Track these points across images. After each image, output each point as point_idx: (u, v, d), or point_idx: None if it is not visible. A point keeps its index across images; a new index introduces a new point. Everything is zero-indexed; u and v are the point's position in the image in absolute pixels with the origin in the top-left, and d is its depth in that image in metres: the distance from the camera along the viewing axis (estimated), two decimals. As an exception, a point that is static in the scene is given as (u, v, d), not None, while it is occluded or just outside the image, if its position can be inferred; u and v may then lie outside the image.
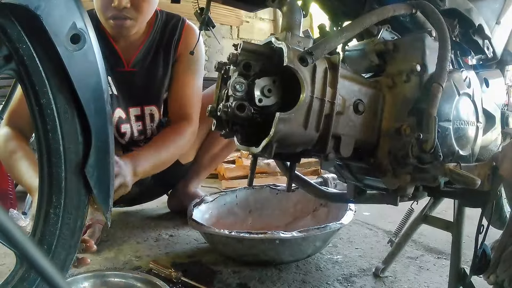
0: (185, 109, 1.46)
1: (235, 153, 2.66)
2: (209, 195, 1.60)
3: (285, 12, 0.76)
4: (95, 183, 0.70)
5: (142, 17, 1.33)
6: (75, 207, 0.70)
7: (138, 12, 1.30)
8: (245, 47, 0.72)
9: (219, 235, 1.18)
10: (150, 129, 1.55)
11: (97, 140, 0.68)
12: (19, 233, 0.34)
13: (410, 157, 0.75)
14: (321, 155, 0.76)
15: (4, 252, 1.27)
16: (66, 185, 0.68)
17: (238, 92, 0.69)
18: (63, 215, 0.69)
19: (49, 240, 0.69)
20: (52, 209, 0.69)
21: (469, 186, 0.71)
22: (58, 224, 0.69)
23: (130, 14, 1.28)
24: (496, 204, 1.29)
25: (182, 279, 1.09)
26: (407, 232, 1.14)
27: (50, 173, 0.68)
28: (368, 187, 0.92)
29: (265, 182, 2.22)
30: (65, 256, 0.71)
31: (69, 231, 0.71)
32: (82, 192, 0.71)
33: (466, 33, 0.96)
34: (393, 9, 0.77)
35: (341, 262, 1.28)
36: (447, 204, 1.09)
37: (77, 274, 0.98)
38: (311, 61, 0.67)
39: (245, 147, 0.77)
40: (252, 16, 4.63)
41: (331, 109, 0.72)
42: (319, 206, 1.52)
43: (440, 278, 1.17)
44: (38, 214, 0.69)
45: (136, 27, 1.35)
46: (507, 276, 0.74)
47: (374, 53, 0.83)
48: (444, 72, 0.74)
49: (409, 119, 0.77)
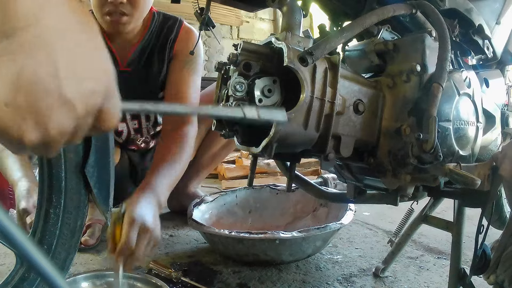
0: None
1: (235, 153, 2.66)
2: (209, 195, 1.60)
3: (285, 12, 0.76)
4: (95, 183, 0.70)
5: (138, 13, 1.32)
6: (75, 207, 0.71)
7: (134, 8, 1.30)
8: (245, 47, 0.72)
9: (219, 235, 1.18)
10: (146, 128, 1.56)
11: (96, 140, 0.68)
12: (19, 233, 0.34)
13: (410, 157, 0.75)
14: (321, 155, 0.76)
15: (4, 252, 1.27)
16: (66, 185, 0.69)
17: (238, 92, 0.69)
18: (63, 215, 0.69)
19: (49, 240, 0.69)
20: (52, 209, 0.69)
21: (469, 186, 0.71)
22: (58, 224, 0.69)
23: (126, 9, 1.29)
24: (496, 204, 1.29)
25: (182, 279, 1.09)
26: (407, 232, 1.14)
27: (50, 173, 0.68)
28: (368, 187, 0.92)
29: (265, 182, 2.22)
30: (65, 256, 0.71)
31: (69, 231, 0.71)
32: (82, 192, 0.71)
33: (466, 33, 0.96)
34: (393, 9, 0.77)
35: (341, 262, 1.28)
36: (447, 204, 1.09)
37: (77, 274, 0.98)
38: (311, 61, 0.67)
39: (245, 147, 0.77)
40: (252, 16, 4.63)
41: (331, 109, 0.72)
42: (319, 206, 1.52)
43: (440, 278, 1.17)
44: (38, 214, 0.69)
45: (132, 24, 1.34)
46: (507, 276, 0.74)
47: (374, 53, 0.83)
48: (444, 72, 0.74)
49: (409, 119, 0.77)
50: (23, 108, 0.30)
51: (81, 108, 0.33)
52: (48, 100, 0.31)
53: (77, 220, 0.71)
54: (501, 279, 0.75)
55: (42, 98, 0.31)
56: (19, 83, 0.30)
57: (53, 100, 0.31)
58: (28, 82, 0.30)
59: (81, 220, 0.72)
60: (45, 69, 0.31)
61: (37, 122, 0.31)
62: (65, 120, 0.32)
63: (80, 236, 0.73)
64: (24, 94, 0.30)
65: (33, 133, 0.31)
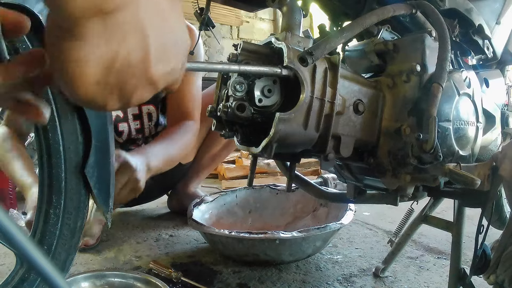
0: (184, 106, 1.45)
1: (235, 153, 2.66)
2: (209, 195, 1.60)
3: (285, 12, 0.76)
4: (95, 184, 0.70)
5: None
6: (75, 208, 0.70)
7: None
8: (245, 47, 0.72)
9: (219, 235, 1.18)
10: (148, 128, 1.56)
11: (96, 140, 0.68)
12: (19, 233, 0.34)
13: (410, 157, 0.75)
14: (321, 155, 0.76)
15: (4, 252, 1.27)
16: (66, 186, 0.68)
17: (238, 92, 0.69)
18: (63, 216, 0.69)
19: (49, 241, 0.69)
20: (52, 209, 0.68)
21: (469, 186, 0.71)
22: (58, 225, 0.69)
23: None
24: (496, 204, 1.29)
25: (182, 279, 1.09)
26: (407, 232, 1.14)
27: (50, 174, 0.67)
28: (368, 187, 0.92)
29: (265, 182, 2.22)
30: (65, 257, 0.71)
31: (69, 232, 0.70)
32: (82, 193, 0.71)
33: (466, 33, 0.96)
34: (393, 9, 0.77)
35: (341, 262, 1.28)
36: (447, 204, 1.09)
37: (77, 274, 0.98)
38: (311, 61, 0.67)
39: (245, 147, 0.77)
40: (252, 16, 4.63)
41: (331, 109, 0.72)
42: (319, 206, 1.52)
43: (440, 278, 1.17)
44: (38, 214, 0.69)
45: None
46: (507, 276, 0.74)
47: (374, 53, 0.83)
48: (444, 72, 0.74)
49: (409, 119, 0.77)
50: (112, 87, 0.33)
51: (162, 85, 0.36)
52: (136, 81, 0.34)
53: (77, 221, 0.71)
54: (501, 279, 0.75)
55: (131, 80, 0.34)
56: (112, 66, 0.32)
57: (140, 81, 0.34)
58: (121, 66, 0.32)
59: (81, 221, 0.72)
60: (137, 55, 0.33)
61: (122, 96, 0.35)
62: (146, 94, 0.36)
63: (80, 237, 0.72)
64: (115, 76, 0.33)
65: (116, 104, 0.35)
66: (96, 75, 0.32)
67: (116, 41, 0.32)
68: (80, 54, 0.31)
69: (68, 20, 0.30)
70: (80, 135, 0.68)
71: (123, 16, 0.31)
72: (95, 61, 0.31)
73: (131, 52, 0.32)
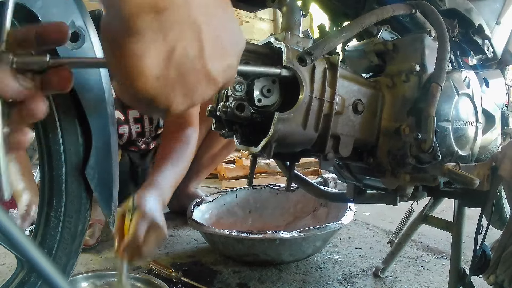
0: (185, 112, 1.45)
1: (235, 153, 2.66)
2: (209, 195, 1.60)
3: (285, 12, 0.76)
4: (96, 186, 0.68)
5: None
6: (76, 211, 0.69)
7: None
8: (245, 47, 0.72)
9: (219, 235, 1.18)
10: (149, 131, 1.56)
11: (97, 141, 0.68)
12: (20, 234, 0.34)
13: (409, 157, 0.75)
14: (320, 155, 0.76)
15: (4, 252, 1.27)
16: (66, 188, 0.67)
17: (237, 92, 0.69)
18: (64, 219, 0.68)
19: (49, 244, 0.68)
20: (53, 212, 0.67)
21: (468, 186, 0.71)
22: (59, 228, 0.68)
23: None
24: (496, 204, 1.29)
25: (182, 279, 1.09)
26: (407, 232, 1.14)
27: (50, 176, 0.67)
28: (367, 187, 0.92)
29: (265, 182, 2.22)
30: (66, 262, 0.70)
31: (70, 236, 0.69)
32: (83, 196, 0.69)
33: (466, 33, 0.96)
34: (392, 9, 0.77)
35: (341, 262, 1.28)
36: (447, 204, 1.09)
37: (77, 274, 0.98)
38: (310, 61, 0.67)
39: (244, 146, 0.77)
40: (252, 16, 4.63)
41: (330, 109, 0.72)
42: (319, 206, 1.52)
43: (440, 278, 1.17)
44: (39, 217, 0.68)
45: None
46: (507, 276, 0.74)
47: (374, 53, 0.83)
48: (443, 72, 0.74)
49: (408, 119, 0.77)
50: (173, 81, 0.34)
51: (221, 82, 0.38)
52: (195, 76, 0.35)
53: (78, 225, 0.70)
54: (501, 279, 0.75)
55: (190, 75, 0.35)
56: (171, 60, 0.33)
57: (200, 76, 0.35)
58: (179, 60, 0.34)
59: (83, 224, 0.70)
60: (193, 50, 0.34)
61: (185, 94, 0.35)
62: (209, 92, 0.37)
63: (82, 241, 0.71)
64: (174, 69, 0.34)
65: (181, 102, 0.36)
66: (155, 69, 0.33)
67: (172, 36, 0.33)
68: (138, 48, 0.32)
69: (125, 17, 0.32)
70: (80, 136, 0.67)
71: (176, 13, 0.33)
72: (153, 54, 0.33)
73: (187, 46, 0.34)
